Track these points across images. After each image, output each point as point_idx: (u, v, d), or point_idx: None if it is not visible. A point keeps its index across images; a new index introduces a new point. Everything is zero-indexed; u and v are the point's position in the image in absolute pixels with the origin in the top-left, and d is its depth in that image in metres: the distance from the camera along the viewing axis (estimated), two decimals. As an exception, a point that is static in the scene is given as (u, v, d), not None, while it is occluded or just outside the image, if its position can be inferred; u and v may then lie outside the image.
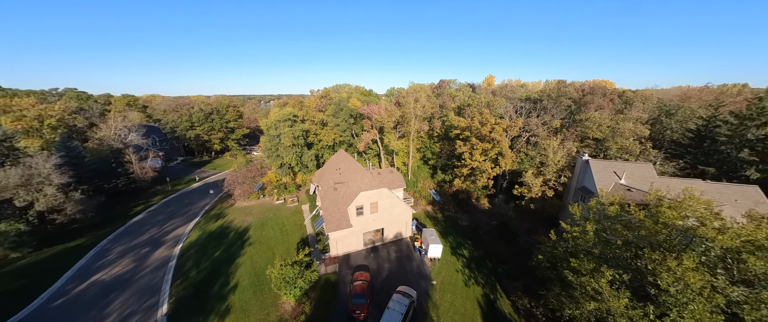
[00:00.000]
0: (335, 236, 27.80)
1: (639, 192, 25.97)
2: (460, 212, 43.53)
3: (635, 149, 36.01)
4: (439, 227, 38.08)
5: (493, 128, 37.48)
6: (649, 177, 28.16)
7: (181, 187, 53.17)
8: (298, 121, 45.92)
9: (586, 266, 14.77)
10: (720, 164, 32.13)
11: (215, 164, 71.55)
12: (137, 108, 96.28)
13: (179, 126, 68.86)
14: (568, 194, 33.90)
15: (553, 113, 41.15)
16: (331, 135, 48.04)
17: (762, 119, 29.87)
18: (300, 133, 43.30)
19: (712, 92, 51.66)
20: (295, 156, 43.09)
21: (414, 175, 54.69)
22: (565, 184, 34.16)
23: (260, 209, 40.53)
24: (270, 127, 42.34)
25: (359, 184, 29.36)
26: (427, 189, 50.85)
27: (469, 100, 54.90)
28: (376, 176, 32.81)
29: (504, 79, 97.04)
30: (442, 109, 54.64)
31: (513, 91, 70.53)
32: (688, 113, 40.27)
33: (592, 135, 38.54)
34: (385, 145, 49.74)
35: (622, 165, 29.55)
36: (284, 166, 43.97)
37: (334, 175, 37.56)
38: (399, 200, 30.60)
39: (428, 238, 29.02)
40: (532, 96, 57.52)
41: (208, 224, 37.40)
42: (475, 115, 43.65)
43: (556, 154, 32.83)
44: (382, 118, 44.12)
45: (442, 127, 52.77)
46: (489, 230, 35.82)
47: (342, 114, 45.62)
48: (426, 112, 51.67)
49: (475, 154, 38.89)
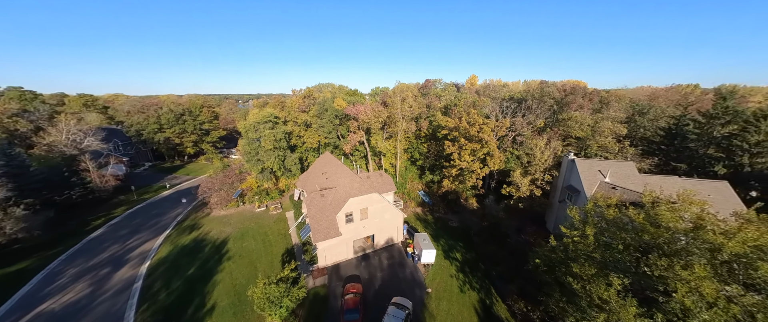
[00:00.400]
0: (323, 245, 26.04)
1: (624, 190, 26.62)
2: (450, 213, 43.19)
3: (614, 147, 37.35)
4: (429, 230, 37.38)
5: (482, 129, 37.30)
6: (630, 175, 29.06)
7: (148, 196, 48.48)
8: (279, 122, 43.25)
9: (587, 271, 14.35)
10: (690, 161, 34.02)
11: (188, 169, 66.43)
12: (97, 109, 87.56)
13: (146, 128, 63.03)
14: (555, 192, 34.41)
15: (538, 113, 41.81)
16: (315, 137, 45.80)
17: (726, 118, 31.90)
18: (282, 135, 40.76)
19: (677, 92, 55.34)
20: (278, 160, 40.51)
21: (402, 176, 53.78)
22: (552, 182, 34.66)
23: (240, 218, 37.60)
24: (249, 129, 39.43)
25: (348, 189, 27.77)
26: (415, 190, 50.15)
27: (455, 100, 54.82)
28: (365, 181, 31.35)
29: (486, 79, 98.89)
30: (428, 109, 54.13)
31: (496, 91, 71.76)
32: (659, 112, 42.57)
33: (575, 134, 39.57)
34: (372, 147, 48.35)
35: (606, 164, 30.30)
36: (265, 170, 41.22)
37: (320, 179, 35.61)
38: (389, 205, 29.39)
39: (421, 243, 28.09)
40: (515, 96, 58.67)
41: (180, 236, 34.03)
42: (462, 116, 43.43)
43: (543, 153, 33.17)
44: (368, 119, 42.64)
45: (429, 127, 52.21)
46: (479, 230, 35.62)
47: (327, 115, 43.58)
48: (413, 113, 50.86)
49: (464, 155, 38.56)
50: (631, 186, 27.69)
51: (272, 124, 40.53)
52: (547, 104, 41.53)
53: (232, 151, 76.25)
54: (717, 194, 26.49)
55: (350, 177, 29.48)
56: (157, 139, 64.04)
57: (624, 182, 28.40)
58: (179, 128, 65.72)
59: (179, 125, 65.81)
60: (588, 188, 28.53)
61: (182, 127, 66.12)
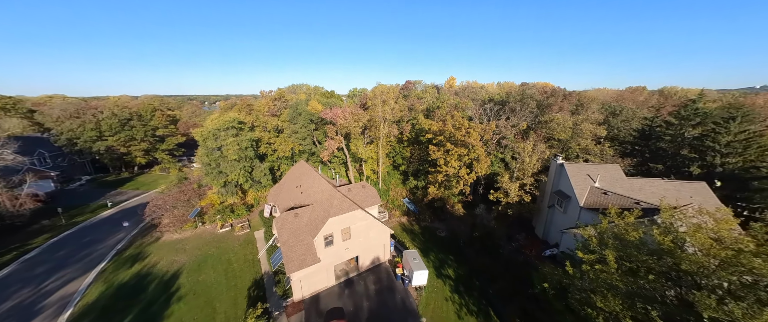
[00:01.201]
0: (299, 275, 22.04)
1: (615, 196, 25.92)
2: (437, 221, 41.00)
3: (594, 149, 37.56)
4: (417, 242, 34.75)
5: (469, 132, 35.47)
6: (618, 179, 28.68)
7: (83, 218, 40.33)
8: (245, 128, 37.97)
9: (612, 305, 12.28)
10: (664, 161, 34.99)
11: (139, 182, 57.56)
12: (19, 113, 73.42)
13: (81, 136, 53.32)
14: (544, 197, 33.49)
15: (521, 115, 41.15)
16: (288, 144, 41.07)
17: (696, 120, 33.10)
18: (248, 143, 35.65)
19: (641, 93, 58.64)
20: (244, 171, 35.33)
21: (384, 182, 50.74)
22: (540, 187, 33.72)
23: (198, 243, 31.95)
24: (207, 137, 33.83)
25: (326, 207, 24.00)
26: (399, 197, 47.37)
27: (438, 102, 53.04)
28: (346, 195, 27.76)
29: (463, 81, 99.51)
30: (410, 112, 51.73)
31: (475, 93, 71.60)
32: (631, 114, 44.08)
33: (557, 136, 39.34)
34: (353, 153, 44.71)
35: (594, 168, 29.74)
36: (229, 184, 35.78)
37: (294, 193, 31.30)
38: (375, 221, 26.10)
39: (411, 262, 25.17)
40: (495, 97, 58.49)
41: (118, 271, 27.77)
42: (446, 119, 41.48)
43: (531, 158, 32.05)
44: (347, 124, 38.99)
45: (411, 130, 49.78)
46: (469, 239, 33.67)
47: (300, 119, 39.15)
48: (395, 116, 48.09)
49: (451, 161, 36.47)
50: (619, 190, 27.21)
51: (236, 131, 35.25)
52: (530, 106, 41.00)
53: (195, 159, 67.94)
54: (697, 194, 26.79)
55: (329, 192, 25.71)
56: (96, 148, 54.51)
57: (613, 186, 27.90)
58: (126, 135, 56.64)
59: (126, 132, 56.73)
60: (579, 194, 27.61)
61: (129, 133, 57.09)
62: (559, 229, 29.28)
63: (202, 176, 36.57)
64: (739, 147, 28.58)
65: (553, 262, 27.79)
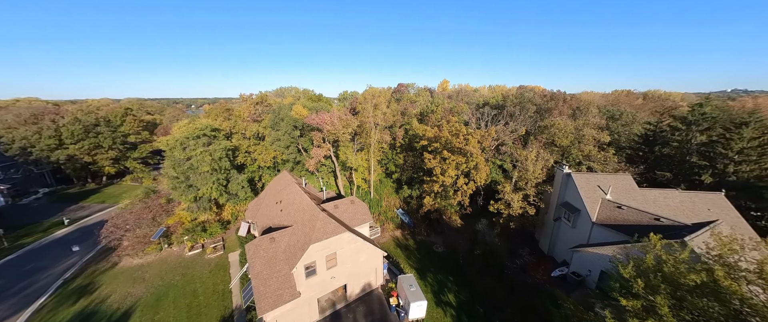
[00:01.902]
0: (275, 315, 18.40)
1: (631, 210, 23.49)
2: (433, 235, 37.99)
3: (597, 156, 35.48)
4: (413, 260, 31.55)
5: (467, 139, 32.72)
6: (630, 190, 26.38)
7: (31, 239, 35.24)
8: (220, 136, 34.00)
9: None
10: (671, 168, 33.16)
11: (106, 195, 52.25)
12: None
13: (37, 145, 47.78)
14: (549, 209, 30.96)
15: (520, 120, 38.85)
16: (269, 153, 37.28)
17: (705, 124, 31.41)
18: (222, 152, 31.73)
19: (636, 96, 57.72)
20: (217, 185, 31.33)
21: (377, 192, 47.46)
22: (544, 198, 31.18)
23: (161, 269, 27.69)
24: (174, 146, 29.76)
25: (308, 231, 20.50)
26: (393, 208, 44.15)
27: (432, 106, 50.38)
28: (332, 211, 24.31)
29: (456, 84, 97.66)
30: (403, 116, 48.83)
31: (469, 96, 69.56)
32: (631, 118, 42.51)
33: (559, 142, 37.14)
34: (342, 162, 41.30)
35: (604, 178, 27.38)
36: (201, 199, 31.69)
37: (273, 210, 27.59)
38: (365, 244, 22.73)
39: (407, 291, 21.89)
40: (490, 101, 56.38)
41: (60, 308, 23.30)
42: (442, 124, 38.71)
43: (534, 166, 29.50)
44: (335, 130, 35.63)
45: (405, 136, 46.82)
46: (470, 257, 30.72)
47: (283, 125, 35.49)
48: (387, 121, 45.06)
49: (448, 170, 33.59)
50: (633, 203, 24.86)
51: (208, 140, 31.28)
52: (529, 111, 38.74)
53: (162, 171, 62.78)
54: (715, 207, 24.73)
55: (311, 211, 22.20)
56: (55, 157, 48.98)
57: (625, 198, 25.54)
58: (90, 143, 51.29)
59: (90, 139, 51.40)
60: (590, 207, 25.09)
61: (95, 141, 51.77)
62: (568, 245, 26.66)
63: (169, 190, 32.29)
64: (754, 154, 26.90)
65: (563, 284, 25.10)
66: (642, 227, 21.49)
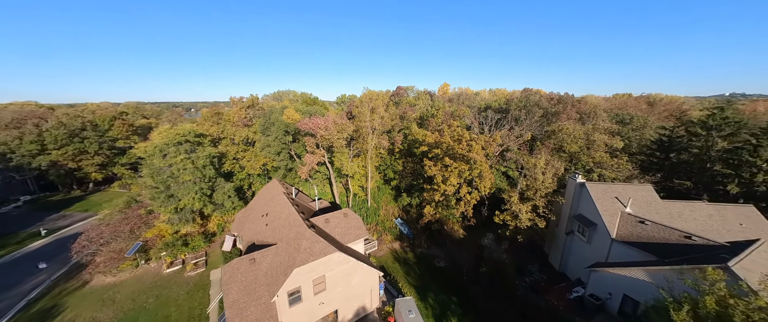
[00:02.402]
0: (251, 352, 15.86)
1: (656, 226, 21.04)
2: (434, 247, 35.46)
3: (609, 163, 33.14)
4: (413, 277, 29.00)
5: (470, 145, 30.41)
6: (652, 202, 23.96)
7: (2, 253, 32.71)
8: (205, 142, 31.69)
9: None
10: (690, 177, 30.77)
11: (91, 202, 49.76)
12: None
13: (18, 150, 45.52)
14: (560, 221, 28.50)
15: (525, 125, 36.60)
16: (259, 159, 34.94)
17: (727, 130, 29.12)
18: (206, 160, 29.39)
19: (644, 100, 55.54)
20: (200, 195, 28.92)
21: (374, 199, 45.03)
22: (555, 209, 28.73)
23: (134, 289, 25.12)
24: (153, 154, 27.44)
25: (292, 251, 18.06)
26: (391, 217, 41.66)
27: (432, 110, 48.20)
28: (323, 226, 21.89)
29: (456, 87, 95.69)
30: (402, 120, 46.62)
31: (470, 100, 67.47)
32: (642, 122, 40.26)
33: (568, 148, 34.82)
34: (337, 168, 38.94)
35: (622, 189, 24.97)
36: (183, 210, 29.27)
37: (259, 224, 25.17)
38: (358, 264, 20.25)
39: (405, 317, 19.39)
40: (493, 105, 54.24)
41: (15, 337, 20.72)
42: (443, 129, 36.46)
43: (544, 175, 27.12)
44: (330, 135, 33.36)
45: (404, 141, 44.55)
46: (475, 274, 28.18)
47: (273, 130, 33.20)
48: (385, 125, 42.82)
49: (451, 178, 31.21)
50: (656, 217, 22.43)
51: (191, 146, 28.95)
52: (536, 115, 36.50)
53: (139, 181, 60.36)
54: (747, 222, 22.29)
55: (297, 228, 19.76)
56: (36, 164, 46.66)
57: (647, 212, 23.12)
58: (75, 148, 49.02)
59: (75, 144, 49.14)
60: (608, 222, 22.64)
61: (79, 146, 49.50)
62: (584, 263, 24.17)
63: (148, 200, 29.86)
64: (787, 163, 24.59)
65: (580, 308, 22.52)
66: (671, 247, 19.06)
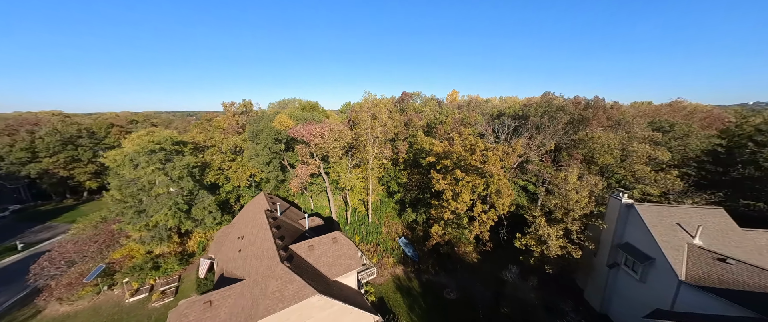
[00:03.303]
0: None
1: (745, 267, 15.74)
2: (443, 273, 30.55)
3: (651, 177, 27.80)
4: (417, 313, 24.31)
5: (486, 156, 25.96)
6: (727, 230, 18.64)
7: (-33, 270, 29.89)
8: (185, 151, 28.49)
9: None
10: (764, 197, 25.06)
11: (81, 212, 47.33)
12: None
13: (7, 158, 43.96)
14: (600, 250, 23.28)
15: (549, 132, 31.89)
16: (245, 170, 31.46)
17: (808, 139, 23.57)
18: (184, 171, 26.03)
19: (682, 107, 49.72)
20: (175, 210, 25.40)
21: (376, 215, 40.68)
22: (592, 233, 23.57)
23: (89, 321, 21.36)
24: (123, 163, 24.30)
25: (256, 294, 13.87)
26: (394, 235, 37.11)
27: (440, 117, 44.10)
28: (306, 255, 17.70)
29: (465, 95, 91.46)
30: (407, 128, 42.63)
31: (481, 107, 63.02)
32: (685, 130, 34.75)
33: (601, 161, 29.75)
34: (334, 180, 35.04)
35: (685, 213, 19.77)
36: (157, 228, 25.76)
37: (233, 249, 21.25)
38: (345, 308, 15.81)
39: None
40: (508, 111, 49.66)
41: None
42: (454, 137, 32.20)
43: (579, 193, 22.23)
44: (325, 143, 29.61)
45: (409, 151, 40.45)
46: (491, 308, 23.13)
47: (262, 138, 29.77)
48: (388, 133, 38.95)
49: (463, 194, 26.67)
50: (737, 252, 17.12)
51: (166, 155, 25.71)
52: (562, 122, 31.77)
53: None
54: None
55: (269, 261, 15.64)
56: (26, 172, 44.91)
57: (721, 243, 17.84)
58: (67, 156, 47.24)
59: (68, 152, 47.40)
60: (672, 257, 17.45)
61: (72, 154, 47.73)
62: (636, 307, 18.93)
63: (117, 216, 26.53)
64: None
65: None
66: (774, 299, 13.78)
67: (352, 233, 36.20)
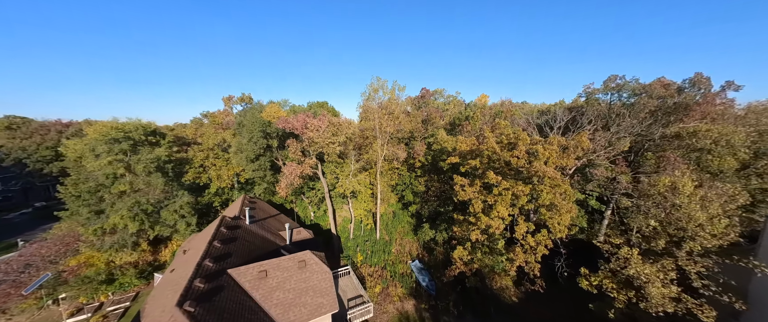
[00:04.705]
0: None
1: None
2: (470, 316, 22.33)
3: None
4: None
5: (536, 153, 18.00)
6: None
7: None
8: (163, 143, 24.74)
9: None
10: None
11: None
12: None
13: (33, 155, 45.51)
14: (753, 305, 13.56)
15: (624, 127, 22.74)
16: (228, 169, 26.85)
17: None
18: (152, 165, 21.95)
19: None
20: (138, 212, 21.09)
21: (386, 230, 33.53)
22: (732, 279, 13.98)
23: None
24: (84, 153, 20.91)
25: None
26: (406, 256, 29.50)
27: (467, 112, 36.51)
28: (246, 290, 11.40)
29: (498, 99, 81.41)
30: (426, 126, 35.64)
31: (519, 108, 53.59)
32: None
33: (714, 164, 19.77)
34: (331, 184, 29.00)
35: None
36: (119, 232, 21.64)
37: (177, 269, 15.75)
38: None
39: None
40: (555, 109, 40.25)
41: None
42: (485, 132, 24.51)
43: (706, 210, 13.25)
44: (320, 137, 23.93)
45: (427, 153, 33.30)
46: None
47: (246, 131, 25.04)
48: (402, 130, 32.44)
49: (498, 206, 18.77)
50: None
51: (132, 146, 21.93)
52: (646, 108, 22.49)
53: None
54: None
55: (172, 298, 9.57)
56: (48, 170, 46.01)
57: None
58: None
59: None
60: None
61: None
62: None
63: (67, 217, 23.00)
64: None
65: None
66: None
67: (353, 251, 29.42)
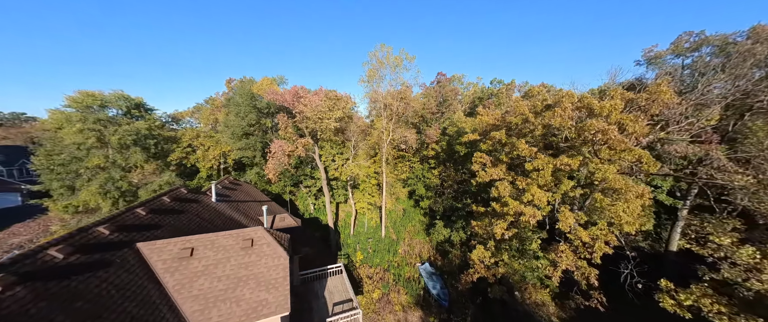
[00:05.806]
0: None
1: None
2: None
3: None
4: None
5: (590, 106, 12.83)
6: None
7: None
8: (148, 118, 22.96)
9: None
10: None
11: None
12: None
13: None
14: None
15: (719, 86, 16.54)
16: (215, 148, 24.33)
17: None
18: (129, 138, 20.02)
19: None
20: (112, 189, 19.06)
21: (394, 229, 28.94)
22: None
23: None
24: (61, 125, 19.48)
25: None
26: (414, 258, 24.67)
27: (491, 89, 31.36)
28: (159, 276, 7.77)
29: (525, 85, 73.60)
30: (441, 110, 31.00)
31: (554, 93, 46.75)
32: None
33: None
34: (331, 170, 25.28)
35: None
36: (93, 211, 19.74)
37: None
38: None
39: None
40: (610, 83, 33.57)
41: None
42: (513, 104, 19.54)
43: None
44: (314, 112, 20.51)
45: (441, 139, 28.59)
46: None
47: (233, 105, 22.45)
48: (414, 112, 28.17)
49: (531, 188, 13.67)
50: None
51: (109, 117, 20.21)
52: (752, 60, 16.11)
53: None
54: None
55: None
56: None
57: None
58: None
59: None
60: None
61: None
62: None
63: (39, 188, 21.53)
64: None
65: None
66: None
67: (353, 249, 25.22)
